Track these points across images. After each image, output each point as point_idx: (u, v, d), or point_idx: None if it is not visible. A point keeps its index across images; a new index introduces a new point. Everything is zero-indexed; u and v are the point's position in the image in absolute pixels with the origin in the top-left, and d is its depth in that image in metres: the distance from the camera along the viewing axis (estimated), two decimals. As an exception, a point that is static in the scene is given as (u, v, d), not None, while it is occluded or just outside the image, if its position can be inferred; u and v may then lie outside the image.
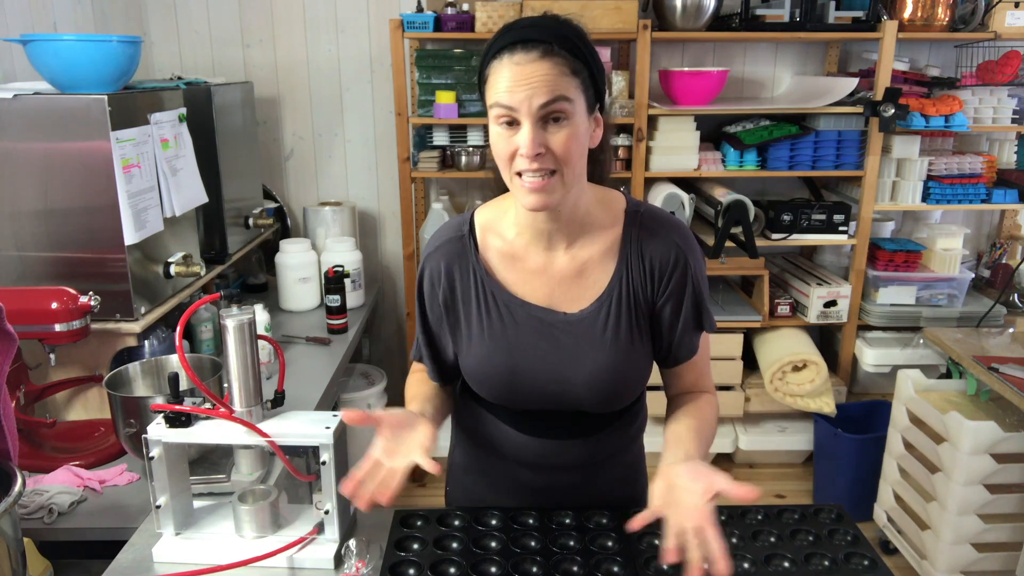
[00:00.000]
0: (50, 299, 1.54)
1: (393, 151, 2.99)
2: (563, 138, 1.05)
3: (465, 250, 1.21)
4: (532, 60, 1.03)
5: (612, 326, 1.18)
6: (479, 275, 1.20)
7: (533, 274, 1.20)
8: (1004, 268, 3.07)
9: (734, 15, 2.74)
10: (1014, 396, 2.06)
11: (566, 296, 1.19)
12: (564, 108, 1.04)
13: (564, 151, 1.05)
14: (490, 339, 1.20)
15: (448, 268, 1.21)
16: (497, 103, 1.05)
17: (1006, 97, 2.81)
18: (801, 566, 1.12)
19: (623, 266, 1.18)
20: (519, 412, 1.26)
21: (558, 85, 1.03)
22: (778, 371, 2.85)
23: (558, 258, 1.19)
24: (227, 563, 1.15)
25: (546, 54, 1.03)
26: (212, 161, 2.34)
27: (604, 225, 1.19)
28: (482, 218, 1.23)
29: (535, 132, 1.03)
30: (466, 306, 1.21)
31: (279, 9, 2.98)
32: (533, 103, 1.03)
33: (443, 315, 1.23)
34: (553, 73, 1.03)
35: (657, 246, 1.18)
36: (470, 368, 1.23)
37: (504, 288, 1.20)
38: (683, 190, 2.76)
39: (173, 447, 1.19)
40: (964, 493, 2.19)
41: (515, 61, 1.03)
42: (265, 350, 2.06)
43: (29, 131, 1.74)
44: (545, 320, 1.19)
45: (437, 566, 1.11)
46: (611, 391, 1.21)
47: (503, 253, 1.21)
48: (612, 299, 1.18)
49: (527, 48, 1.03)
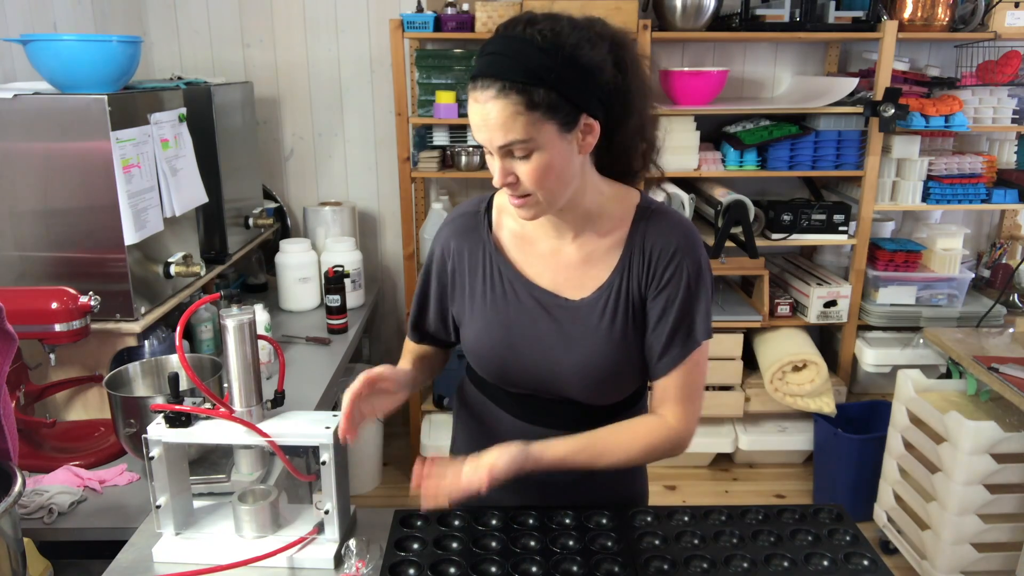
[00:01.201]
0: (50, 299, 1.54)
1: (393, 151, 2.99)
2: (528, 171, 1.07)
3: (479, 225, 1.26)
4: (488, 99, 1.03)
5: (609, 317, 1.19)
6: (488, 250, 1.24)
7: (542, 258, 1.23)
8: (1004, 268, 3.07)
9: (734, 15, 2.74)
10: (1014, 396, 2.06)
11: (571, 282, 1.21)
12: (522, 147, 1.05)
13: (532, 181, 1.08)
14: (491, 312, 1.23)
15: (460, 239, 1.26)
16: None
17: (1006, 97, 2.81)
18: (801, 566, 1.12)
19: (626, 258, 1.19)
20: (515, 397, 1.28)
21: (511, 128, 1.03)
22: (778, 371, 2.85)
23: (566, 246, 1.22)
24: (227, 563, 1.15)
25: (499, 93, 1.02)
26: (212, 161, 2.34)
27: (615, 219, 1.21)
28: (500, 199, 1.27)
29: (503, 164, 1.08)
30: (472, 277, 1.25)
31: (279, 9, 2.98)
32: (493, 143, 1.06)
33: (449, 284, 1.28)
34: (506, 115, 1.03)
35: (659, 240, 1.18)
36: (468, 340, 1.27)
37: (511, 266, 1.23)
38: (683, 190, 2.76)
39: (173, 447, 1.19)
40: (964, 493, 2.19)
41: (475, 98, 1.05)
42: (265, 350, 2.06)
43: (29, 131, 1.74)
44: (547, 302, 1.21)
45: (437, 566, 1.11)
46: (598, 380, 1.21)
47: (515, 234, 1.25)
48: (612, 290, 1.19)
49: (484, 86, 1.03)
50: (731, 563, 1.12)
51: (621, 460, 1.20)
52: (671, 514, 1.24)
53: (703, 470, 3.16)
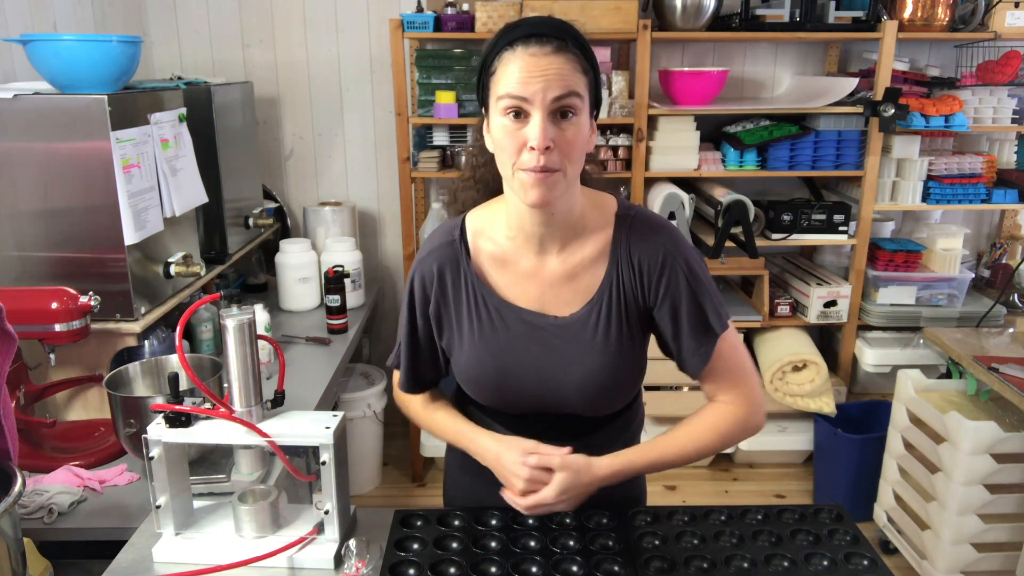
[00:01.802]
0: (50, 299, 1.54)
1: (393, 151, 2.99)
2: (571, 134, 1.05)
3: (456, 255, 1.21)
4: (547, 53, 1.04)
5: (603, 330, 1.18)
6: (470, 280, 1.20)
7: (524, 278, 1.19)
8: (1004, 268, 3.07)
9: (734, 15, 2.74)
10: (1014, 396, 2.06)
11: (557, 300, 1.19)
12: (575, 104, 1.05)
13: (570, 147, 1.05)
14: (480, 342, 1.20)
15: (440, 272, 1.21)
16: (508, 94, 1.04)
17: (1006, 97, 2.81)
18: (801, 566, 1.12)
19: (613, 269, 1.18)
20: (512, 415, 1.26)
21: (571, 80, 1.04)
22: (778, 371, 2.85)
23: (549, 262, 1.19)
24: (227, 563, 1.15)
25: (560, 49, 1.04)
26: (212, 161, 2.34)
27: (596, 228, 1.19)
28: (473, 222, 1.23)
29: (546, 125, 1.03)
30: (457, 309, 1.21)
31: (279, 9, 2.98)
32: (547, 95, 1.03)
33: (433, 320, 1.23)
34: (567, 68, 1.04)
35: (645, 249, 1.17)
36: (461, 371, 1.24)
37: (494, 292, 1.20)
38: (683, 190, 2.76)
39: (173, 447, 1.19)
40: (964, 493, 2.19)
41: (530, 52, 1.04)
42: (265, 350, 2.06)
43: (29, 131, 1.74)
44: (535, 324, 1.19)
45: (437, 566, 1.11)
46: (601, 394, 1.21)
47: (494, 257, 1.20)
48: (603, 303, 1.18)
49: (542, 42, 1.04)
50: (731, 563, 1.12)
51: (700, 456, 1.23)
52: (671, 514, 1.24)
53: (703, 470, 3.16)
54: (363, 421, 2.87)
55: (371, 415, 2.89)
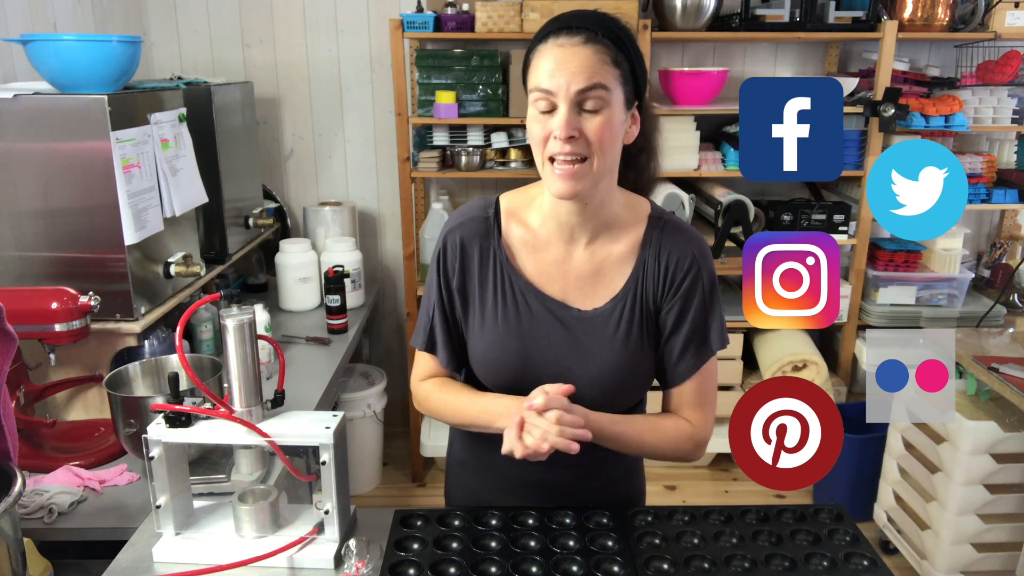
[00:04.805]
0: (50, 299, 1.54)
1: (393, 151, 2.99)
2: (597, 125, 1.06)
3: (488, 231, 1.22)
4: (575, 45, 1.06)
5: (624, 327, 1.19)
6: (499, 259, 1.21)
7: (551, 265, 1.21)
8: (1004, 268, 3.07)
9: (734, 15, 2.74)
10: (1014, 396, 2.06)
11: (580, 292, 1.20)
12: (601, 96, 1.06)
13: (597, 137, 1.07)
14: (503, 324, 1.20)
15: (468, 245, 1.22)
16: (536, 87, 1.07)
17: (1006, 97, 2.81)
18: (801, 566, 1.12)
19: (640, 269, 1.19)
20: None
21: (597, 72, 1.05)
22: (778, 371, 2.85)
23: (577, 253, 1.20)
24: (227, 563, 1.15)
25: (589, 40, 1.06)
26: (212, 161, 2.34)
27: (626, 227, 1.20)
28: (507, 203, 1.24)
29: (570, 115, 1.06)
30: (482, 288, 1.22)
31: (279, 9, 2.98)
32: (571, 88, 1.05)
33: (457, 292, 1.23)
34: (593, 60, 1.05)
35: (675, 250, 1.19)
36: (480, 352, 1.23)
37: (522, 276, 1.21)
38: (683, 190, 2.76)
39: (173, 447, 1.19)
40: (964, 493, 2.19)
41: (559, 44, 1.06)
42: (265, 350, 2.06)
43: (29, 131, 1.74)
44: (559, 314, 1.20)
45: (437, 566, 1.11)
46: (616, 390, 1.21)
47: (524, 241, 1.22)
48: (627, 301, 1.19)
49: (571, 33, 1.06)
50: (731, 563, 1.12)
51: (647, 452, 1.23)
52: (671, 514, 1.24)
53: (703, 470, 3.16)
54: (363, 421, 2.87)
55: (371, 415, 2.89)
